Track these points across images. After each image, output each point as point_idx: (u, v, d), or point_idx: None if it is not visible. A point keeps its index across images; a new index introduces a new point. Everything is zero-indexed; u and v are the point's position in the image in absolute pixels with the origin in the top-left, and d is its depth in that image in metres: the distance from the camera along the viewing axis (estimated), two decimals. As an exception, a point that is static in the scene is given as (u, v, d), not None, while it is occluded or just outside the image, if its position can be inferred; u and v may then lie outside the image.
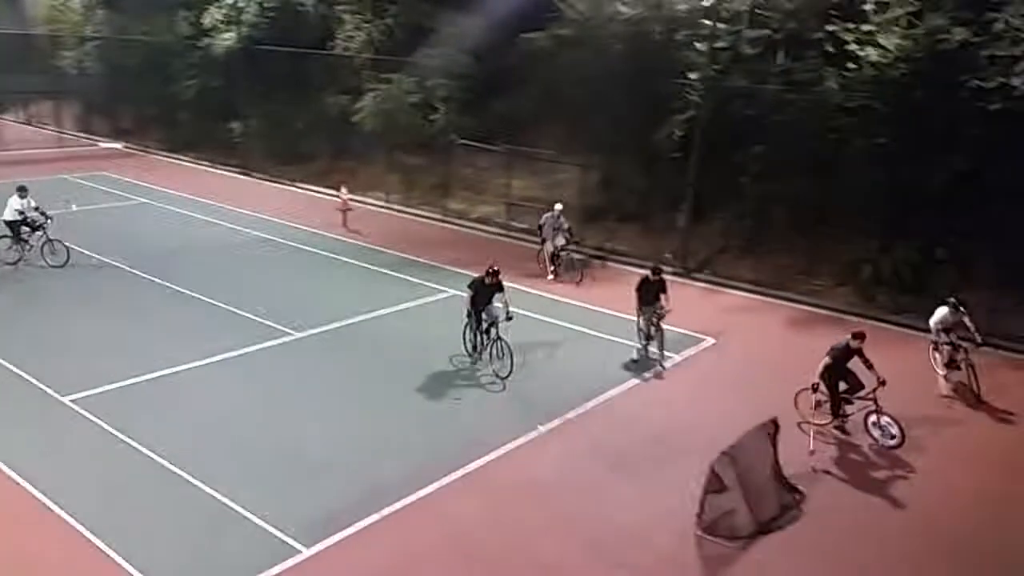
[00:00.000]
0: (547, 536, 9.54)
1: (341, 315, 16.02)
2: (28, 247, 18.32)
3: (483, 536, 9.48)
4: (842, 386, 11.77)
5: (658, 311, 14.16)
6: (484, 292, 13.49)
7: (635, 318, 14.35)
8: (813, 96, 18.71)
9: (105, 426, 11.45)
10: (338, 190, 24.15)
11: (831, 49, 18.70)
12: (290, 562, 8.79)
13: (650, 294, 14.19)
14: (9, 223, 18.10)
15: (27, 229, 18.22)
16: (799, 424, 11.78)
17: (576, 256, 19.47)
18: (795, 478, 10.52)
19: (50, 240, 18.31)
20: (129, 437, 11.16)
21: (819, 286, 18.69)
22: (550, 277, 18.84)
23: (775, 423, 10.36)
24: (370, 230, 22.73)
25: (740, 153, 19.83)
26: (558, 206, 19.20)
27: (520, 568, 9.00)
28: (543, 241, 19.22)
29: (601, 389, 13.13)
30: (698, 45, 20.20)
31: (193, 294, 16.95)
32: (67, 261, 18.26)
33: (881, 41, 17.54)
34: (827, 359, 11.51)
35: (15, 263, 18.09)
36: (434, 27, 26.47)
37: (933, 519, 10.10)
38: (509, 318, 13.30)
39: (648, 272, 14.41)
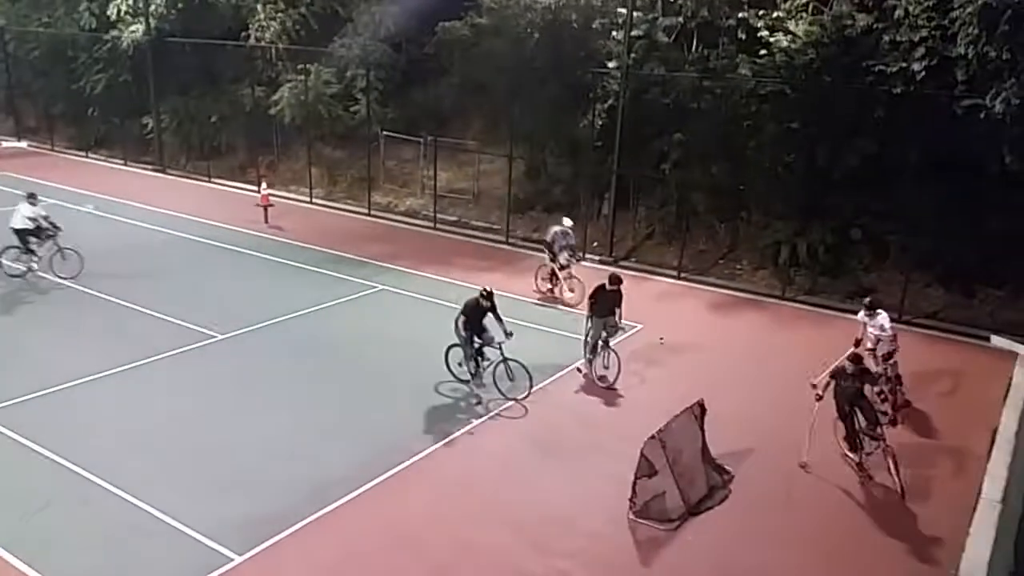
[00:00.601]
0: (484, 526, 9.62)
1: (267, 314, 15.69)
2: (36, 258, 17.26)
3: (422, 530, 9.47)
4: (862, 421, 10.72)
5: (611, 326, 13.16)
6: (477, 314, 12.62)
7: (584, 322, 13.30)
8: (727, 83, 19.19)
9: (18, 438, 10.97)
10: (259, 185, 23.61)
11: (743, 36, 19.23)
12: (223, 570, 8.61)
13: (605, 305, 13.10)
14: (19, 232, 16.92)
15: (35, 239, 17.10)
16: (843, 455, 11.11)
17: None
18: (722, 458, 10.84)
19: (61, 249, 17.26)
20: (45, 449, 10.72)
21: (740, 270, 19.26)
22: (564, 292, 17.16)
23: (701, 406, 10.66)
24: (293, 226, 22.32)
25: (660, 141, 20.21)
26: (567, 221, 17.36)
27: (460, 559, 9.04)
28: (553, 258, 17.15)
29: (536, 380, 13.11)
30: (615, 33, 20.45)
31: (110, 298, 16.34)
32: (80, 271, 17.28)
33: (790, 27, 18.10)
34: (826, 377, 10.79)
35: (23, 275, 17.13)
36: (350, 16, 26.10)
37: (844, 502, 10.58)
38: (509, 334, 12.49)
39: (605, 280, 13.27)
